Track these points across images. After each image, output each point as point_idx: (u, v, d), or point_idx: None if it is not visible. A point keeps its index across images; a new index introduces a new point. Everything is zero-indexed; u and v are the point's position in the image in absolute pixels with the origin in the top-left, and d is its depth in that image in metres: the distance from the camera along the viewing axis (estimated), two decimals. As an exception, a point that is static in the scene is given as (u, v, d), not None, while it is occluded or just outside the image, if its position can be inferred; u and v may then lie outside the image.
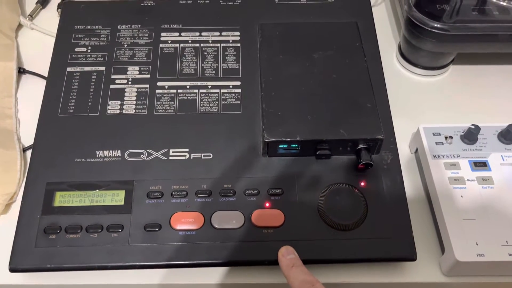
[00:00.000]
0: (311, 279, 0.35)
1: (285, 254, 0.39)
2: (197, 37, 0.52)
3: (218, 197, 0.43)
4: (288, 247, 0.39)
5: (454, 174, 0.44)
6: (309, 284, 0.35)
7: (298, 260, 0.38)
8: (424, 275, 0.43)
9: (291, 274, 0.37)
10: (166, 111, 0.47)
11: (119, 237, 0.41)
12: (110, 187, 0.43)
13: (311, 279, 0.35)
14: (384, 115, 0.46)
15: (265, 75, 0.47)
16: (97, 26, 0.53)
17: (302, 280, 0.35)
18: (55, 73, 0.50)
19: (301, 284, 0.35)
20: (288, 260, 0.38)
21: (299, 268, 0.37)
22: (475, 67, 0.57)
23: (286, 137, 0.43)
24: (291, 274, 0.37)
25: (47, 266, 0.40)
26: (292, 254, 0.39)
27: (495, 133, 0.46)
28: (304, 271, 0.36)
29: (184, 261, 0.40)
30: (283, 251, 0.39)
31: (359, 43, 0.50)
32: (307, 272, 0.36)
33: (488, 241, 0.40)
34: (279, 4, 0.55)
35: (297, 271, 0.37)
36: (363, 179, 0.44)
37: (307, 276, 0.36)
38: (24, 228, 0.41)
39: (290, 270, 0.37)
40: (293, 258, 0.38)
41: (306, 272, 0.36)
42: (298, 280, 0.36)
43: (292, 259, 0.38)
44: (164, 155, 0.45)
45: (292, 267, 0.37)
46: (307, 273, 0.36)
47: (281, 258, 0.38)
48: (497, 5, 0.52)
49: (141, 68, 0.50)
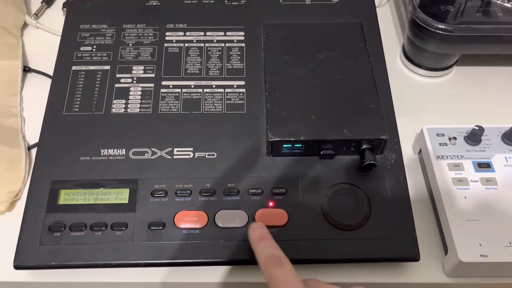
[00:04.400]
0: (279, 254, 0.34)
1: (254, 228, 0.37)
2: (201, 36, 0.52)
3: (222, 196, 0.43)
4: (258, 222, 0.39)
5: (457, 175, 0.44)
6: (275, 259, 0.33)
7: (267, 234, 0.37)
8: (427, 276, 0.43)
9: (258, 248, 0.35)
10: (170, 110, 0.47)
11: (123, 235, 0.41)
12: (115, 185, 0.43)
13: (278, 254, 0.34)
14: (388, 116, 0.46)
15: (269, 75, 0.47)
16: (102, 25, 0.53)
17: (268, 255, 0.34)
18: (60, 71, 0.50)
19: (267, 259, 0.34)
20: (257, 234, 0.36)
21: (268, 241, 0.36)
22: (479, 68, 0.57)
23: (290, 137, 0.43)
24: (258, 248, 0.35)
25: (52, 264, 0.40)
26: (262, 228, 0.37)
27: (499, 134, 0.46)
28: (272, 245, 0.35)
29: (187, 260, 0.40)
30: (252, 225, 0.38)
31: (363, 44, 0.50)
32: (275, 246, 0.35)
33: (492, 242, 0.40)
34: (283, 4, 0.55)
35: (265, 245, 0.35)
36: (366, 179, 0.44)
37: (275, 250, 0.34)
38: (28, 226, 0.41)
39: (258, 244, 0.35)
40: (262, 232, 0.37)
41: (274, 246, 0.35)
42: (264, 255, 0.34)
43: (261, 233, 0.37)
44: (169, 154, 0.45)
45: (260, 240, 0.36)
46: (275, 247, 0.35)
47: (250, 232, 0.37)
48: (501, 7, 0.52)
49: (145, 67, 0.50)
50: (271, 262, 0.33)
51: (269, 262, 0.33)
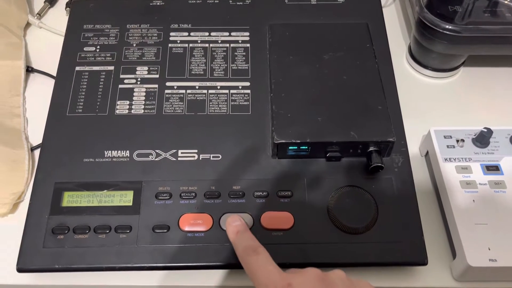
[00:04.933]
0: (254, 244, 0.35)
1: (230, 222, 0.39)
2: (206, 37, 0.52)
3: (227, 198, 0.42)
4: (234, 215, 0.40)
5: (465, 178, 0.43)
6: (251, 249, 0.35)
7: (243, 226, 0.38)
8: (435, 280, 0.42)
9: (236, 240, 0.37)
10: (175, 111, 0.47)
11: (127, 238, 0.41)
12: (119, 187, 0.43)
13: (254, 244, 0.35)
14: (395, 118, 0.46)
15: (274, 76, 0.47)
16: (106, 25, 0.53)
17: (245, 246, 0.36)
18: (63, 72, 0.49)
19: (244, 250, 0.35)
20: (233, 227, 0.38)
21: (244, 234, 0.37)
22: (486, 69, 0.57)
23: (296, 139, 0.43)
24: (236, 241, 0.37)
25: (55, 267, 0.40)
26: (238, 221, 0.39)
27: (507, 137, 0.46)
28: (248, 236, 0.37)
29: (192, 263, 0.40)
30: (229, 220, 0.39)
31: (369, 45, 0.49)
32: (251, 237, 0.37)
33: (501, 246, 0.40)
34: (289, 4, 0.54)
35: (241, 237, 0.37)
36: (373, 182, 0.43)
37: (251, 241, 0.36)
38: (32, 228, 0.41)
39: (235, 237, 0.37)
40: (238, 225, 0.38)
41: (251, 238, 0.36)
42: (241, 246, 0.36)
43: (237, 226, 0.38)
44: (173, 156, 0.44)
45: (237, 233, 0.37)
46: (252, 238, 0.36)
47: (227, 227, 0.39)
48: (509, 7, 0.52)
49: (150, 68, 0.50)
50: (247, 252, 0.35)
51: (246, 252, 0.35)
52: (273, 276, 0.32)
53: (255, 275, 0.33)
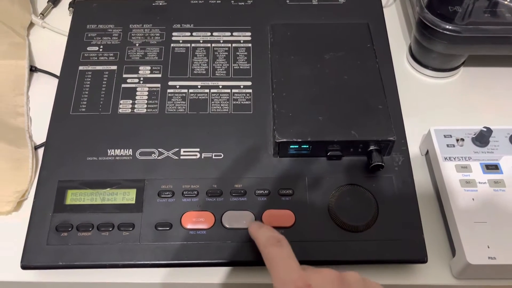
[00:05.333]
0: (278, 236, 0.36)
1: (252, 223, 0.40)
2: (208, 37, 0.52)
3: (229, 197, 0.43)
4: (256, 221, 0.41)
5: (465, 177, 0.44)
6: (275, 239, 0.35)
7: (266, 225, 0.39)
8: (434, 278, 0.42)
9: (259, 233, 0.37)
10: (177, 110, 0.47)
11: (130, 236, 0.41)
12: (122, 185, 0.43)
13: (278, 236, 0.36)
14: (395, 117, 0.46)
15: (276, 75, 0.47)
16: (109, 25, 0.53)
17: (269, 236, 0.36)
18: (67, 71, 0.50)
19: (268, 239, 0.36)
20: (256, 224, 0.39)
21: (267, 228, 0.38)
22: (486, 69, 0.57)
23: (297, 138, 0.43)
24: (259, 233, 0.37)
25: (59, 264, 0.40)
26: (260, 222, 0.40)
27: (507, 136, 0.46)
28: (272, 230, 0.37)
29: (194, 260, 0.40)
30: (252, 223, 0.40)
31: (370, 44, 0.50)
32: (274, 231, 0.37)
33: (500, 244, 0.40)
34: (290, 4, 0.55)
35: (265, 229, 0.37)
36: (374, 180, 0.43)
37: (275, 233, 0.36)
38: (36, 226, 0.41)
39: (258, 230, 0.37)
40: (260, 223, 0.39)
41: (274, 231, 0.37)
42: (265, 236, 0.36)
43: (259, 223, 0.39)
44: (175, 155, 0.45)
45: (260, 227, 0.38)
46: (275, 231, 0.37)
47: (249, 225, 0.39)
48: (509, 7, 0.52)
49: (152, 67, 0.50)
50: (271, 242, 0.35)
51: (269, 242, 0.35)
52: (293, 273, 0.32)
53: (276, 267, 0.33)
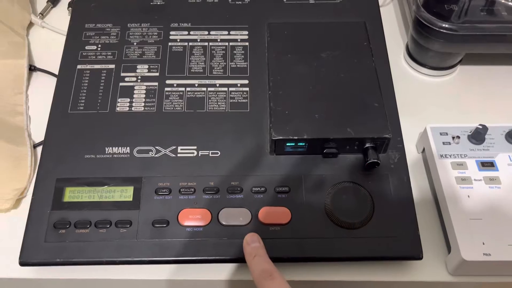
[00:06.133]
0: (270, 268, 0.36)
1: (249, 242, 0.39)
2: (205, 35, 0.52)
3: (226, 194, 0.43)
4: (253, 235, 0.40)
5: (461, 174, 0.44)
6: (267, 273, 0.35)
7: (262, 249, 0.38)
8: (430, 274, 0.43)
9: (252, 263, 0.37)
10: (174, 109, 0.48)
11: (127, 233, 0.41)
12: (119, 183, 0.43)
13: (270, 268, 0.36)
14: (392, 115, 0.47)
15: (273, 74, 0.48)
16: (107, 24, 0.53)
17: (261, 270, 0.36)
18: (65, 70, 0.50)
19: (260, 274, 0.36)
20: (251, 249, 0.38)
21: (261, 257, 0.37)
22: (483, 68, 0.57)
23: (294, 136, 0.43)
24: (252, 264, 0.37)
25: (57, 261, 0.40)
26: (257, 243, 0.39)
27: (502, 133, 0.46)
28: (265, 260, 0.37)
29: (191, 257, 0.41)
30: (248, 239, 0.39)
31: (367, 43, 0.50)
32: (268, 261, 0.37)
33: (495, 241, 0.40)
34: (287, 3, 0.55)
35: (258, 260, 0.37)
36: (370, 178, 0.44)
37: (267, 265, 0.36)
38: (34, 223, 0.42)
39: (252, 260, 0.37)
40: (256, 247, 0.38)
41: (267, 261, 0.37)
42: (258, 270, 0.36)
43: (255, 248, 0.38)
44: (173, 152, 0.45)
45: (255, 256, 0.37)
46: (268, 262, 0.37)
47: (245, 246, 0.39)
48: (505, 6, 0.52)
49: (150, 66, 0.50)
50: (264, 276, 0.35)
51: (262, 276, 0.35)
52: None
53: None
